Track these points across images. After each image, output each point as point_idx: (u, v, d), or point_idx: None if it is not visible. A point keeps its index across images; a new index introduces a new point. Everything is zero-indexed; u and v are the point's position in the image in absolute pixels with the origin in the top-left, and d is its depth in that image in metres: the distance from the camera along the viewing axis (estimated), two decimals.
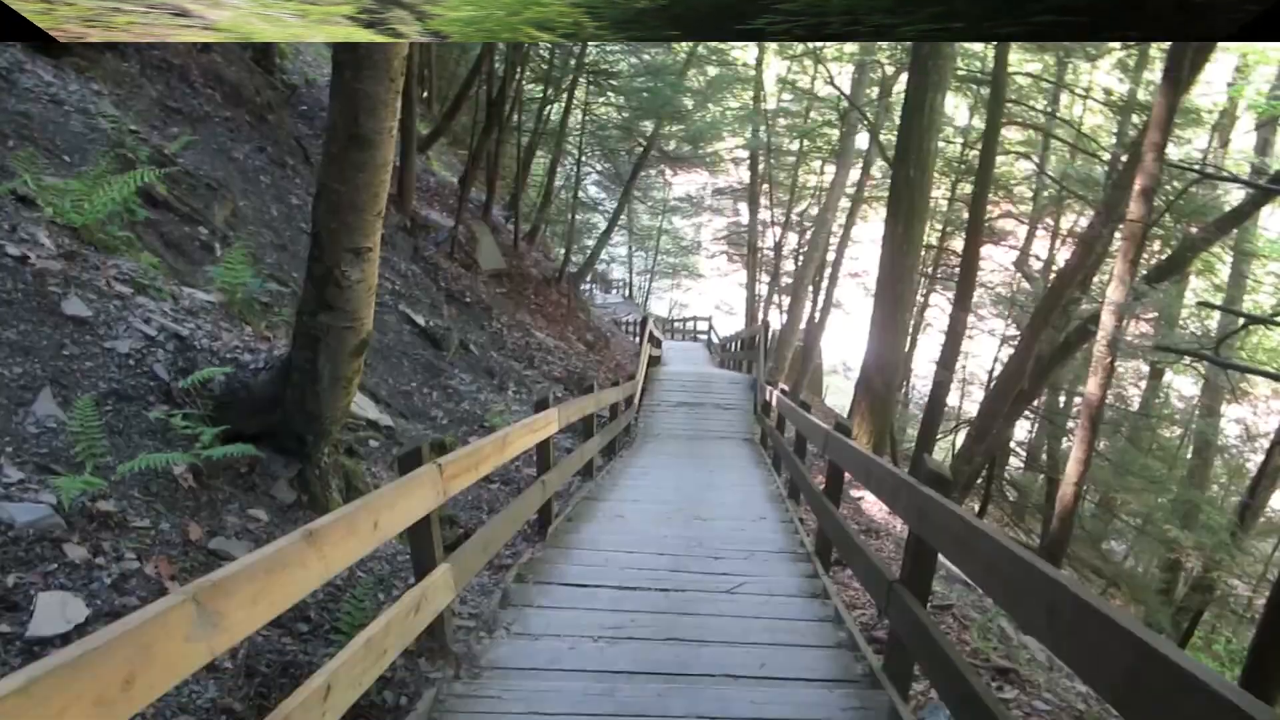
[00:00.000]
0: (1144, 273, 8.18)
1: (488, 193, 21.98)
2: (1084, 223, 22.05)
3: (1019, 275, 21.75)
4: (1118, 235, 9.70)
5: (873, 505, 10.56)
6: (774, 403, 10.28)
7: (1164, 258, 9.82)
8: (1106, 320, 7.88)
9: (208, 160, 9.22)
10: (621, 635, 4.12)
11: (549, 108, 21.95)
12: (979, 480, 13.03)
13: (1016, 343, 10.53)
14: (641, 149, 23.69)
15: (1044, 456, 19.23)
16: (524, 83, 20.56)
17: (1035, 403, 20.75)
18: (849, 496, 10.88)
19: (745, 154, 32.70)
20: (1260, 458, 19.21)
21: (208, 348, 4.41)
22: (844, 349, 40.97)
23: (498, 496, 6.96)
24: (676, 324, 40.71)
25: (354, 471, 4.91)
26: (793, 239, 32.55)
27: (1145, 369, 18.94)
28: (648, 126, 22.76)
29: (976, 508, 13.90)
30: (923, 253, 12.99)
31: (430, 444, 3.38)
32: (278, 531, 3.78)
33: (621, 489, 8.20)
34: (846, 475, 5.63)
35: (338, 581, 3.76)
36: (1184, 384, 22.86)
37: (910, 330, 11.91)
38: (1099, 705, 5.63)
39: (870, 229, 34.30)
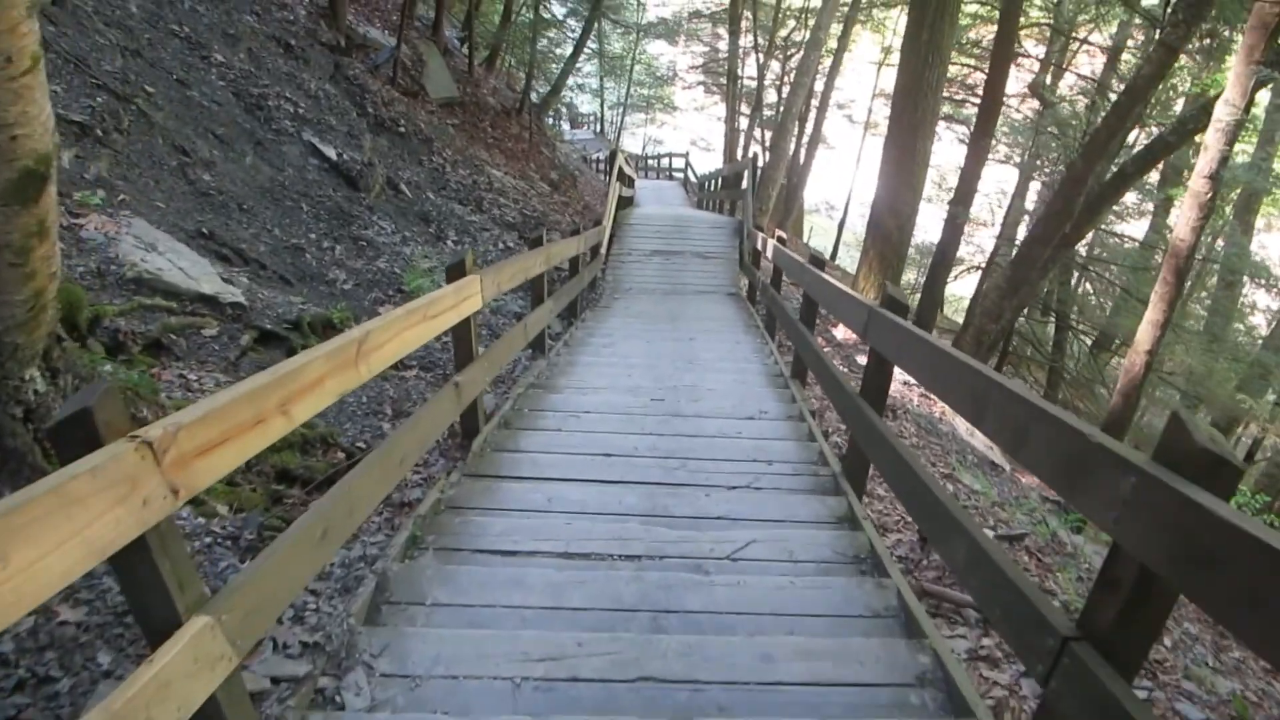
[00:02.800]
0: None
1: (437, 8, 19.15)
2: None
3: (1029, 101, 19.49)
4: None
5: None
6: (768, 253, 8.43)
7: None
8: (1213, 140, 6.00)
9: None
10: (558, 676, 2.46)
11: None
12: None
13: (1061, 177, 8.63)
14: None
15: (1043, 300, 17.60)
16: None
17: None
18: (846, 358, 9.24)
19: None
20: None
21: None
22: (827, 187, 38.96)
23: (411, 392, 5.18)
24: (650, 161, 38.16)
25: (140, 390, 3.07)
26: (775, 68, 29.80)
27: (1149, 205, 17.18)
28: None
29: (993, 365, 12.35)
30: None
31: (111, 393, 1.54)
32: None
33: (581, 370, 6.43)
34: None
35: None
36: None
37: (928, 162, 9.92)
38: None
39: (859, 55, 31.58)
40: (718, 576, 3.10)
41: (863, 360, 9.23)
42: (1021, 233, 18.82)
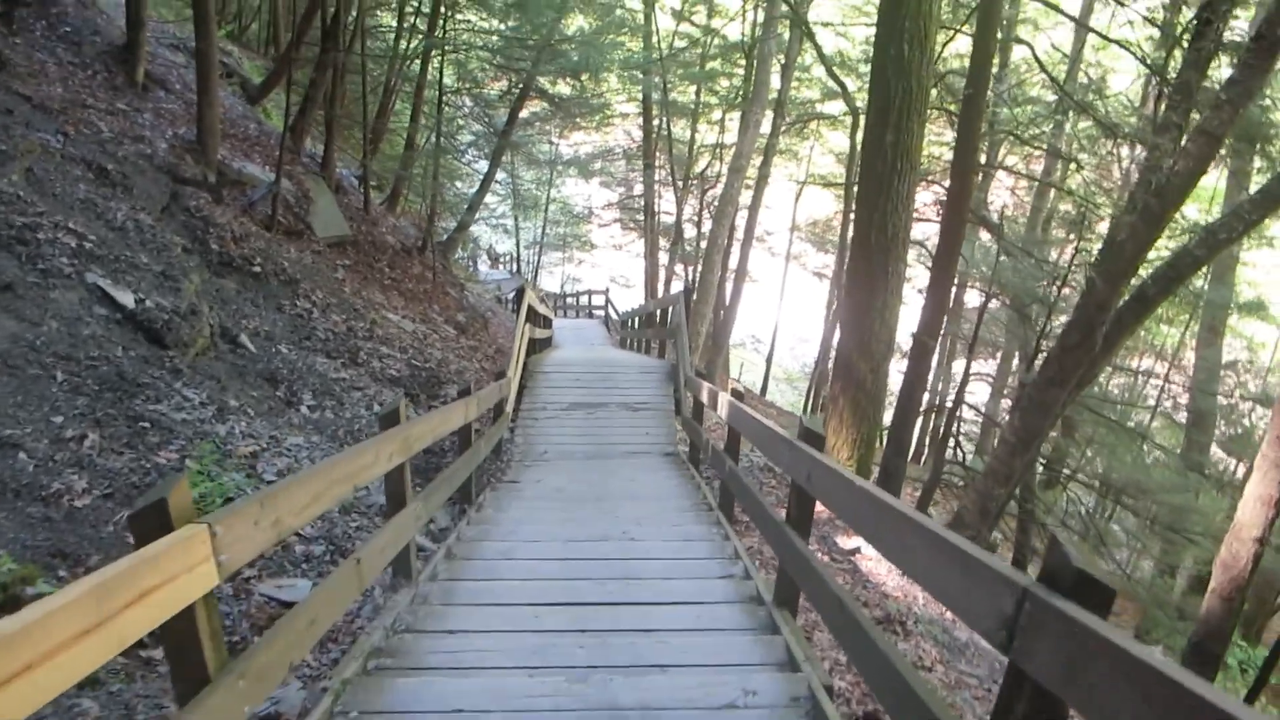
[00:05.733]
0: None
1: (326, 143, 17.48)
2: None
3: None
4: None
5: (883, 572, 6.79)
6: (722, 412, 6.46)
7: None
8: None
9: None
10: None
11: (404, 41, 17.74)
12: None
13: (1079, 302, 7.03)
14: (519, 89, 19.55)
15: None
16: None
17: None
18: (823, 539, 7.20)
19: (638, 111, 29.10)
20: None
21: None
22: (752, 320, 38.11)
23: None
24: (569, 299, 36.82)
25: None
26: (692, 203, 29.03)
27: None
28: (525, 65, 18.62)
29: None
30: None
31: None
32: None
33: (463, 613, 4.16)
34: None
35: None
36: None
37: (903, 289, 8.26)
38: None
39: (775, 187, 31.13)
40: None
41: (849, 544, 7.17)
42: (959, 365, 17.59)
